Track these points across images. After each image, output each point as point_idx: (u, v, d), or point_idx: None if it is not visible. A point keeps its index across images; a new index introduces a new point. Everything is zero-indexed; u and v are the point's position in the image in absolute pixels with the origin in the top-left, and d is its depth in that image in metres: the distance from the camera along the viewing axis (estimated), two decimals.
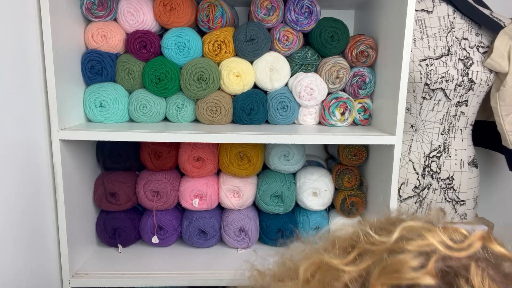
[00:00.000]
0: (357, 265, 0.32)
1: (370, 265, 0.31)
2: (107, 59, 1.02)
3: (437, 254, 0.30)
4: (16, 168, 0.83)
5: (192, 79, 1.01)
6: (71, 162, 0.98)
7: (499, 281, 0.29)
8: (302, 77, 1.06)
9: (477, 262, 0.30)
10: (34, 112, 0.88)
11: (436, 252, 0.30)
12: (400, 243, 0.32)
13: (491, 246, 0.32)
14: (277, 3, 1.03)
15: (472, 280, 0.28)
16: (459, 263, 0.30)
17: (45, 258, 0.94)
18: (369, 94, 1.11)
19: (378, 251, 0.32)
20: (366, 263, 0.32)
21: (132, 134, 0.93)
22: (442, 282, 0.29)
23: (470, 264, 0.30)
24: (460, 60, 1.12)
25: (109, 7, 1.00)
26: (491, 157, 1.50)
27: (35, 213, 0.90)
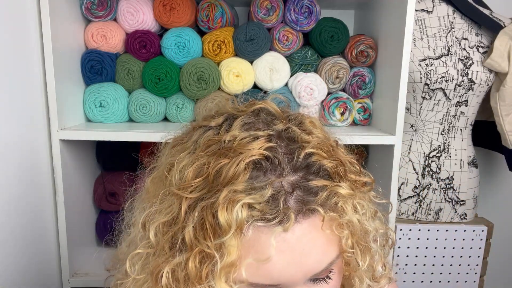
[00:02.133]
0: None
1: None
2: (107, 59, 1.02)
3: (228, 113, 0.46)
4: (16, 168, 0.83)
5: (192, 79, 1.01)
6: (71, 162, 0.98)
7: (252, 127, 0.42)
8: (302, 77, 1.06)
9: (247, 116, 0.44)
10: (34, 112, 0.88)
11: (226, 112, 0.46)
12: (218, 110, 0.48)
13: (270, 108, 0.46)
14: (277, 3, 1.03)
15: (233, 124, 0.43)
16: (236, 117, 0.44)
17: (45, 258, 0.94)
18: (369, 94, 1.11)
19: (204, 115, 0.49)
20: None
21: (132, 134, 0.93)
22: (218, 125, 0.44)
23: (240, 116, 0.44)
24: (460, 60, 1.12)
25: (109, 7, 1.00)
26: (491, 157, 1.49)
27: (35, 213, 0.90)
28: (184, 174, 0.41)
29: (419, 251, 1.18)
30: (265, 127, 0.42)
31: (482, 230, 1.18)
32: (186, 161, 0.42)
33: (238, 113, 0.45)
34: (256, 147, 0.39)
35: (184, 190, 0.39)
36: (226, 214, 0.36)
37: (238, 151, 0.39)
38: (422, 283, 1.21)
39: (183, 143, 0.46)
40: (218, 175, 0.39)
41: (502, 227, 1.46)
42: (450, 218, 1.20)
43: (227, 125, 0.43)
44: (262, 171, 0.39)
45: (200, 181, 0.39)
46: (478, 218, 1.26)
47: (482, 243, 1.18)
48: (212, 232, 0.37)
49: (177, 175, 0.41)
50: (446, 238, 1.18)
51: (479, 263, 1.20)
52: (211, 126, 0.44)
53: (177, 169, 0.42)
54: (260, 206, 0.37)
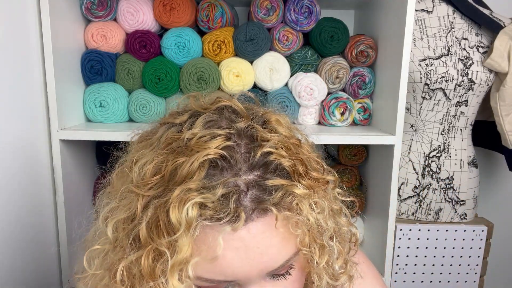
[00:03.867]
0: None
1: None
2: (107, 59, 1.02)
3: (193, 110, 0.46)
4: (16, 168, 0.83)
5: (192, 79, 1.01)
6: (71, 162, 0.98)
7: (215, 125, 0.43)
8: (302, 77, 1.06)
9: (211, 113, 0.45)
10: (33, 112, 0.88)
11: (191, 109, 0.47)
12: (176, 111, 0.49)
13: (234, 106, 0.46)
14: (277, 3, 1.03)
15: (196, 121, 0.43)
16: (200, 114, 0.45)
17: (45, 258, 0.94)
18: (369, 94, 1.11)
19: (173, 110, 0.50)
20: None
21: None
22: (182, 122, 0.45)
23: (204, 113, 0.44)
24: (460, 60, 1.12)
25: (109, 7, 1.00)
26: (491, 157, 1.49)
27: (35, 213, 0.90)
28: (143, 171, 0.41)
29: (419, 251, 1.18)
30: (227, 125, 0.43)
31: (482, 230, 1.18)
32: (147, 158, 0.42)
33: (202, 110, 0.45)
34: (213, 146, 0.39)
35: (141, 187, 0.40)
36: (177, 212, 0.37)
37: (195, 150, 0.39)
38: (422, 283, 1.21)
39: (148, 139, 0.46)
40: (174, 173, 0.39)
41: (502, 227, 1.46)
42: (450, 218, 1.20)
43: (190, 123, 0.44)
44: (218, 170, 0.39)
45: (158, 179, 0.40)
46: (478, 218, 1.26)
47: (482, 243, 1.19)
48: (165, 230, 0.38)
49: (136, 172, 0.42)
50: (446, 238, 1.18)
51: (479, 263, 1.20)
52: (175, 123, 0.45)
53: (137, 165, 0.42)
54: (212, 205, 0.37)
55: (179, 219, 0.37)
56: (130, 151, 0.49)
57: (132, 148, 0.49)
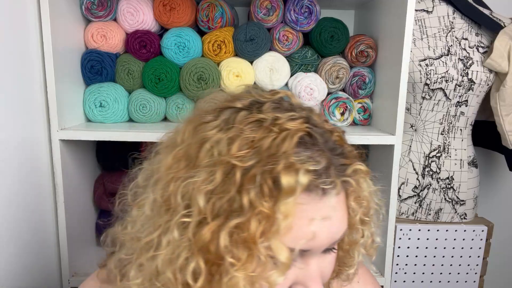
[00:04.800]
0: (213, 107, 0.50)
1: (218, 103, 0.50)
2: (107, 59, 1.02)
3: (251, 98, 0.49)
4: (16, 168, 0.83)
5: (192, 79, 1.01)
6: (71, 162, 0.98)
7: (275, 111, 0.46)
8: (302, 77, 1.06)
9: (273, 102, 0.48)
10: (33, 112, 0.88)
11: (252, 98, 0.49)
12: (237, 94, 0.51)
13: (292, 98, 0.51)
14: (277, 3, 1.03)
15: (262, 107, 0.46)
16: (262, 102, 0.48)
17: (45, 258, 0.94)
18: (369, 94, 1.11)
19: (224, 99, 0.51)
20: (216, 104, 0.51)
21: (132, 134, 0.93)
22: (245, 107, 0.47)
23: (267, 101, 0.48)
24: (460, 60, 1.12)
25: (109, 7, 1.00)
26: (491, 157, 1.50)
27: (35, 213, 0.90)
28: (227, 147, 0.43)
29: (419, 251, 1.18)
30: (290, 111, 0.47)
31: (482, 230, 1.18)
32: (220, 136, 0.44)
33: (262, 98, 0.49)
34: (299, 125, 0.44)
35: (237, 159, 0.42)
36: (289, 178, 0.40)
37: (284, 127, 0.43)
38: (422, 283, 1.21)
39: (207, 122, 0.48)
40: (271, 146, 0.42)
41: (502, 227, 1.46)
42: (450, 218, 1.20)
43: (257, 108, 0.47)
44: (307, 145, 0.43)
45: (250, 152, 0.42)
46: (478, 218, 1.26)
47: (482, 243, 1.18)
48: (269, 196, 0.41)
49: (217, 148, 0.44)
50: (446, 238, 1.18)
51: (479, 263, 1.20)
52: (239, 108, 0.47)
53: (212, 143, 0.44)
54: (316, 175, 0.42)
55: (291, 184, 0.40)
56: (177, 136, 0.50)
57: (180, 135, 0.50)
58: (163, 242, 0.45)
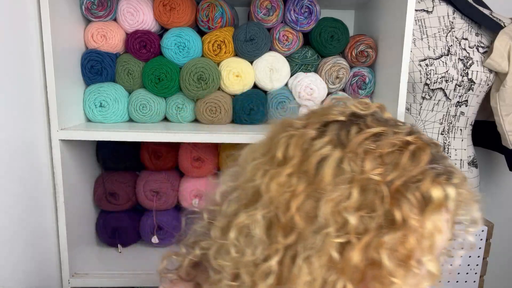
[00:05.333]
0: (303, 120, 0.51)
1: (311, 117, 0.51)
2: (107, 59, 1.02)
3: (350, 110, 0.49)
4: (16, 168, 0.83)
5: (192, 79, 1.01)
6: (71, 162, 0.98)
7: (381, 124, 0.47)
8: (302, 77, 1.06)
9: (372, 115, 0.49)
10: (34, 112, 0.88)
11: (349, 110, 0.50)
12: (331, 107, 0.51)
13: (384, 112, 0.52)
14: (277, 3, 1.03)
15: (366, 121, 0.48)
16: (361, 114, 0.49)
17: (45, 258, 0.94)
18: (369, 94, 1.11)
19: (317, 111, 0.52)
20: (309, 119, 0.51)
21: (132, 134, 0.93)
22: (348, 120, 0.48)
23: (368, 115, 0.49)
24: (460, 60, 1.12)
25: (109, 7, 1.00)
26: (491, 157, 1.49)
27: (35, 213, 0.90)
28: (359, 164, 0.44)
29: None
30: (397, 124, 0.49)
31: (482, 230, 1.18)
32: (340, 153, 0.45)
33: (360, 111, 0.50)
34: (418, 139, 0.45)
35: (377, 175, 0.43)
36: (439, 192, 0.41)
37: (407, 140, 0.45)
38: None
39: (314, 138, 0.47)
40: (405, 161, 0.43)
41: (502, 227, 1.46)
42: None
43: (363, 122, 0.47)
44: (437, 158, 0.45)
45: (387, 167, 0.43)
46: None
47: (482, 243, 1.18)
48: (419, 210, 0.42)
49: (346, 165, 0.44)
50: None
51: (479, 263, 1.20)
52: (343, 121, 0.48)
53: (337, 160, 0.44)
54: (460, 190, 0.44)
55: (441, 199, 0.41)
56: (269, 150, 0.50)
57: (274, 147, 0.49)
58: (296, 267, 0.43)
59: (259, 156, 0.51)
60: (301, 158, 0.46)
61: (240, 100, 1.05)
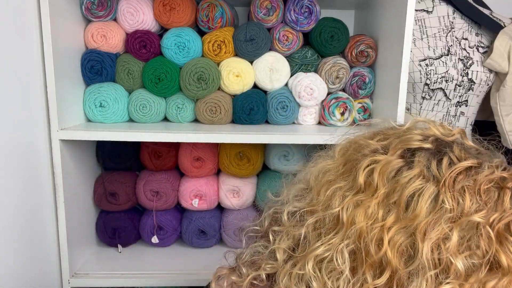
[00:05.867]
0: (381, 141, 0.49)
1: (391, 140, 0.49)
2: (107, 59, 1.02)
3: (434, 136, 0.48)
4: (16, 168, 0.83)
5: (192, 79, 1.01)
6: (71, 162, 0.98)
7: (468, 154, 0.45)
8: (302, 77, 1.06)
9: (456, 143, 0.47)
10: (34, 112, 0.88)
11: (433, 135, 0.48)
12: (411, 129, 0.50)
13: (464, 138, 0.50)
14: (277, 3, 1.03)
15: (454, 151, 0.45)
16: (446, 142, 0.47)
17: (45, 258, 0.94)
18: (369, 94, 1.11)
19: (396, 133, 0.50)
20: (387, 140, 0.49)
21: (132, 134, 0.93)
22: (435, 148, 0.46)
23: (453, 142, 0.47)
24: (460, 60, 1.12)
25: (109, 7, 1.00)
26: None
27: (35, 213, 0.90)
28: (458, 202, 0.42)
29: None
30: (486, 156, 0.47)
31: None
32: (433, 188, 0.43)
33: (444, 137, 0.48)
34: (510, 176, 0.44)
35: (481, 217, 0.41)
36: None
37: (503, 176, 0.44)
38: None
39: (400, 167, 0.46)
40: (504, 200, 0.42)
41: None
42: None
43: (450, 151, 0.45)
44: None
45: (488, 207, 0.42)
46: None
47: None
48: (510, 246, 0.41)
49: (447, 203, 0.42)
50: None
51: None
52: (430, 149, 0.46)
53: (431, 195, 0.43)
54: None
55: None
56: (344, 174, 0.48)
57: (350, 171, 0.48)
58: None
59: (335, 178, 0.49)
60: (388, 189, 0.44)
61: (240, 100, 1.05)
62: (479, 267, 0.40)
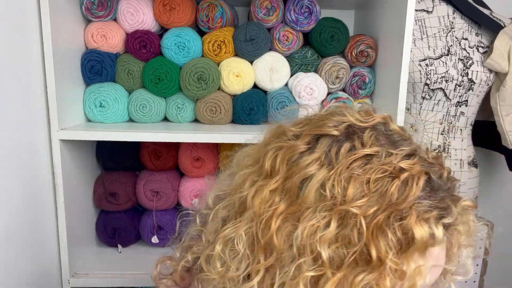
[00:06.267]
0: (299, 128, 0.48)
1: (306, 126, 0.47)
2: (107, 59, 1.02)
3: (348, 122, 0.45)
4: (16, 168, 0.83)
5: (192, 79, 1.01)
6: (71, 162, 0.98)
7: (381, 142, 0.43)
8: (302, 77, 1.06)
9: (372, 128, 0.44)
10: (34, 112, 0.88)
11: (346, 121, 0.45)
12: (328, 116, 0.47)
13: (389, 123, 0.46)
14: (277, 3, 1.03)
15: (362, 137, 0.43)
16: (360, 128, 0.44)
17: (45, 258, 0.94)
18: (369, 94, 1.11)
19: (314, 119, 0.48)
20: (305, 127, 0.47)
21: (132, 134, 0.93)
22: (344, 135, 0.44)
23: (366, 128, 0.44)
24: (460, 60, 1.12)
25: (109, 7, 1.00)
26: (491, 157, 1.49)
27: (35, 213, 0.90)
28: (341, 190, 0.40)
29: None
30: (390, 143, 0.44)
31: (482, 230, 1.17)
32: (326, 174, 0.41)
33: (359, 123, 0.45)
34: (416, 165, 0.41)
35: (357, 207, 0.39)
36: (423, 232, 0.38)
37: (401, 167, 0.40)
38: None
39: (301, 152, 0.44)
40: (393, 192, 0.39)
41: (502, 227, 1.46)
42: None
43: (358, 138, 0.43)
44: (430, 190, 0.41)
45: (371, 198, 0.40)
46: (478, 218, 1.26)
47: (482, 243, 1.18)
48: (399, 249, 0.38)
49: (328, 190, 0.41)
50: None
51: (479, 263, 1.20)
52: (336, 135, 0.44)
53: (320, 183, 0.41)
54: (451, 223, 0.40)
55: (425, 239, 0.38)
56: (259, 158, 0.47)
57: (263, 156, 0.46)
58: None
59: (250, 163, 0.49)
60: (286, 174, 0.44)
61: (240, 100, 1.05)
62: (351, 260, 0.39)
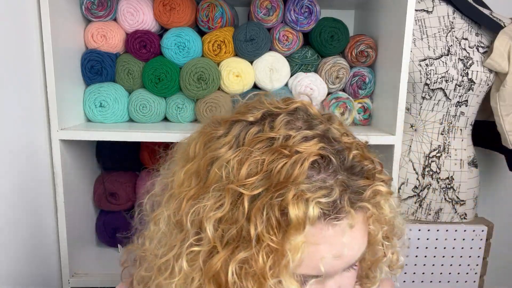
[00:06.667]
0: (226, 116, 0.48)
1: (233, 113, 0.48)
2: (107, 59, 1.02)
3: (265, 109, 0.46)
4: (16, 168, 0.83)
5: (192, 79, 1.01)
6: (71, 162, 0.98)
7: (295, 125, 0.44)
8: (302, 77, 1.06)
9: (287, 114, 0.45)
10: (34, 112, 0.88)
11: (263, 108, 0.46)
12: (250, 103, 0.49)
13: (309, 107, 0.47)
14: (277, 3, 1.03)
15: (275, 121, 0.44)
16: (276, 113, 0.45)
17: (45, 258, 0.94)
18: (369, 94, 1.11)
19: (238, 108, 0.49)
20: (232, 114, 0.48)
21: (132, 134, 0.93)
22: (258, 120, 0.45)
23: (282, 113, 0.45)
24: (460, 60, 1.12)
25: (109, 7, 1.00)
26: (491, 157, 1.49)
27: (35, 213, 0.90)
28: (236, 170, 0.41)
29: (419, 251, 1.18)
30: (307, 126, 0.44)
31: (482, 230, 1.18)
32: (230, 155, 0.42)
33: (275, 109, 0.46)
34: (313, 147, 0.41)
35: (245, 187, 0.40)
36: (298, 211, 0.38)
37: (296, 150, 0.40)
38: (422, 283, 1.21)
39: (218, 137, 0.46)
40: (279, 172, 0.40)
41: (502, 227, 1.46)
42: (450, 218, 1.20)
43: (269, 122, 0.44)
44: (318, 169, 0.41)
45: (259, 178, 0.40)
46: (478, 218, 1.26)
47: (482, 243, 1.18)
48: (277, 229, 0.39)
49: (225, 171, 0.42)
50: (446, 238, 1.17)
51: (479, 263, 1.20)
52: (251, 121, 0.45)
53: (222, 164, 0.42)
54: (327, 204, 0.39)
55: (300, 218, 0.38)
56: (189, 149, 0.48)
57: (191, 147, 0.48)
58: (176, 268, 0.43)
59: (181, 151, 0.51)
60: (200, 158, 0.45)
61: None
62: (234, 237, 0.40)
